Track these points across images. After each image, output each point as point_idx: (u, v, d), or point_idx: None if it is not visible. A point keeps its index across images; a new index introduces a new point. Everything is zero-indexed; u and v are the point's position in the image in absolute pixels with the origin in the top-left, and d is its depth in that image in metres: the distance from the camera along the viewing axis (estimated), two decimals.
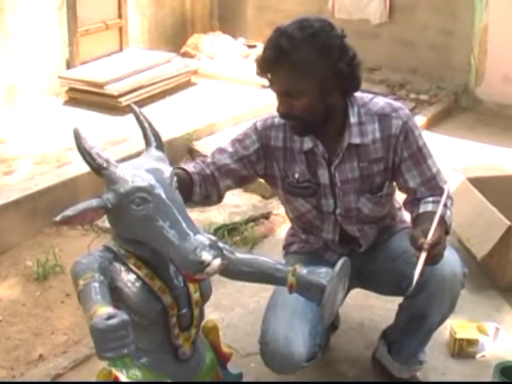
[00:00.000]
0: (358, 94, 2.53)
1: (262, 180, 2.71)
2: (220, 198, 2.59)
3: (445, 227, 2.40)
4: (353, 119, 2.48)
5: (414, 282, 2.21)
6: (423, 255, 2.22)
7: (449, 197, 2.50)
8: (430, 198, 2.51)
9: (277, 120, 2.55)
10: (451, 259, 2.47)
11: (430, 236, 2.24)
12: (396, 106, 2.55)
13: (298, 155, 2.54)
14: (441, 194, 2.47)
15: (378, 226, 2.70)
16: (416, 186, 2.53)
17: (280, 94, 2.42)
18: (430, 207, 2.48)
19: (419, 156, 2.53)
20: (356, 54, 2.45)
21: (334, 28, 2.44)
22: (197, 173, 2.48)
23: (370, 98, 2.56)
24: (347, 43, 2.43)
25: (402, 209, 2.74)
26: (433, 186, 2.54)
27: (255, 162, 2.57)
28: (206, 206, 2.60)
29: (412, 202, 2.58)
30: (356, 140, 2.49)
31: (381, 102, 2.55)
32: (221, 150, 2.57)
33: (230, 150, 2.56)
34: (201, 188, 2.48)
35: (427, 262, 2.24)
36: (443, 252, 2.31)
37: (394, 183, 2.63)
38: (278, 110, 2.45)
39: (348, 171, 2.53)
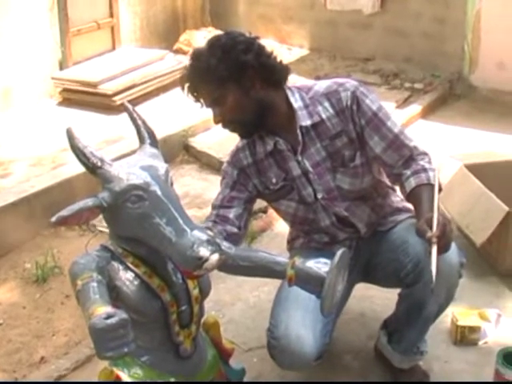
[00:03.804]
0: (301, 83, 2.64)
1: None
2: (240, 229, 2.58)
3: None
4: (296, 104, 2.53)
5: (434, 277, 2.20)
6: (434, 249, 2.23)
7: (424, 153, 2.56)
8: (408, 171, 2.53)
9: (240, 144, 2.64)
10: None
11: (434, 226, 2.25)
12: (341, 81, 2.60)
13: (267, 160, 2.59)
14: (410, 157, 2.54)
15: (367, 204, 2.68)
16: (382, 151, 2.55)
17: (209, 107, 2.51)
18: (413, 182, 2.49)
19: (376, 121, 2.54)
20: (264, 46, 2.52)
21: (241, 32, 2.53)
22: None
23: (314, 83, 2.63)
24: (256, 41, 2.50)
25: (398, 192, 2.74)
26: (398, 146, 2.55)
27: (244, 183, 2.61)
28: (238, 244, 2.62)
29: (390, 174, 2.61)
30: (306, 122, 2.53)
31: (326, 82, 2.61)
32: (214, 200, 2.64)
33: (220, 190, 2.64)
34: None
35: (439, 252, 2.25)
36: (452, 238, 2.32)
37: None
38: (214, 121, 2.53)
39: (315, 154, 2.56)
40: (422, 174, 2.50)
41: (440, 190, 2.43)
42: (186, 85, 2.50)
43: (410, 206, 2.66)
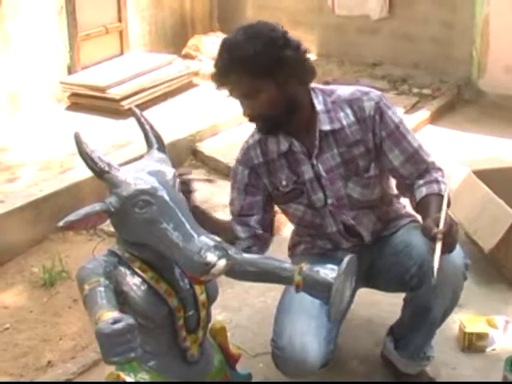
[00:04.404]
0: (324, 86, 2.59)
1: None
2: (265, 231, 2.61)
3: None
4: (319, 107, 2.51)
5: (435, 273, 2.20)
6: (439, 245, 2.23)
7: (439, 169, 2.56)
8: (421, 181, 2.53)
9: (251, 141, 2.61)
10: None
11: (441, 225, 2.25)
12: (365, 89, 2.59)
13: (279, 161, 2.57)
14: (426, 170, 2.53)
15: (374, 213, 2.68)
16: (400, 164, 2.55)
17: (240, 99, 2.46)
18: (424, 191, 2.49)
19: (397, 134, 2.54)
20: (301, 42, 2.49)
21: (274, 24, 2.46)
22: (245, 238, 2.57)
23: (337, 87, 2.60)
24: (290, 36, 2.46)
25: (402, 199, 2.75)
26: (416, 160, 2.56)
27: (255, 184, 2.60)
28: (267, 247, 2.66)
29: (402, 185, 2.61)
30: (326, 127, 2.51)
31: (349, 89, 2.59)
32: (230, 204, 2.64)
33: (234, 194, 2.62)
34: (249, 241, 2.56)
35: (443, 251, 2.25)
36: (457, 238, 2.32)
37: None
38: (244, 114, 2.49)
39: (330, 159, 2.54)
40: (434, 184, 2.50)
41: (449, 204, 2.42)
42: (217, 72, 2.44)
43: (411, 211, 2.68)
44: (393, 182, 2.71)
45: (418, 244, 2.45)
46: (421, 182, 2.53)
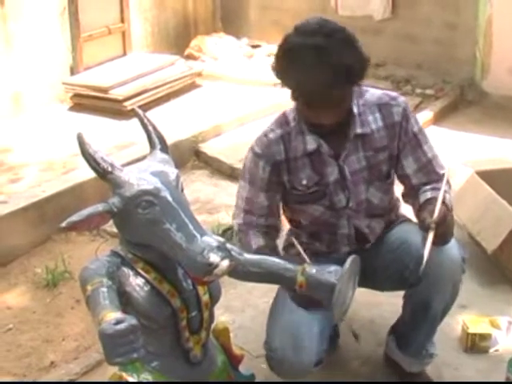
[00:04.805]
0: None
1: None
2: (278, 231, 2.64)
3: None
4: (355, 110, 2.47)
5: (424, 261, 2.20)
6: (431, 234, 2.24)
7: (447, 182, 2.53)
8: (428, 187, 2.53)
9: (271, 135, 2.50)
10: (449, 245, 2.45)
11: (435, 215, 2.26)
12: (392, 94, 2.59)
13: (301, 160, 2.50)
14: (437, 180, 2.52)
15: (384, 221, 2.68)
16: (412, 173, 2.55)
17: (326, 109, 2.32)
18: (429, 194, 2.49)
19: (415, 142, 2.55)
20: None
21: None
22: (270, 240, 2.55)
23: (365, 89, 2.56)
24: None
25: (401, 200, 2.75)
26: (429, 170, 2.56)
27: (276, 181, 2.52)
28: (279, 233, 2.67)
29: (410, 193, 2.60)
30: (359, 130, 2.48)
31: (376, 92, 2.57)
32: (249, 202, 2.54)
33: (252, 191, 2.53)
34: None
35: (436, 242, 2.25)
36: (452, 229, 2.34)
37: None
38: (319, 122, 2.37)
39: (355, 162, 2.52)
40: (439, 191, 2.46)
41: (451, 208, 2.43)
42: (315, 87, 2.24)
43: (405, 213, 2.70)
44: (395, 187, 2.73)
45: (416, 241, 2.45)
46: (427, 187, 2.53)
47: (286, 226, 2.79)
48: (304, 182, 2.52)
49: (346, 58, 2.25)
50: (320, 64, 2.21)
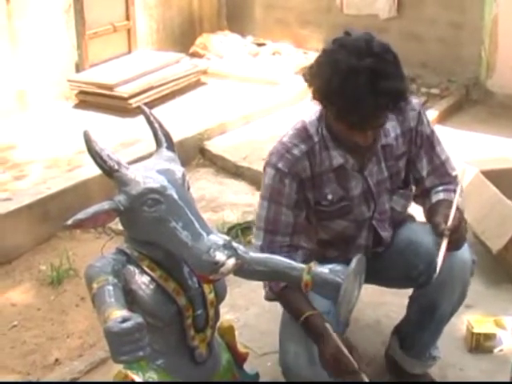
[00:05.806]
0: None
1: None
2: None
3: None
4: None
5: (438, 269, 2.20)
6: (445, 241, 2.24)
7: (458, 183, 2.53)
8: (440, 188, 2.52)
9: (296, 151, 2.39)
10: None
11: (450, 221, 2.26)
12: None
13: (326, 175, 2.43)
14: (449, 182, 2.51)
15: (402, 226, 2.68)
16: (426, 175, 2.55)
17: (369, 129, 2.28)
18: (441, 195, 2.49)
19: (428, 144, 2.54)
20: None
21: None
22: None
23: None
24: None
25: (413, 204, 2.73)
26: (442, 173, 2.55)
27: (303, 199, 2.43)
28: None
29: (422, 195, 2.59)
30: (383, 141, 2.44)
31: None
32: (271, 221, 2.42)
33: (279, 210, 2.41)
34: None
35: (449, 248, 2.25)
36: (465, 236, 2.33)
37: None
38: (365, 142, 2.31)
39: (378, 173, 2.47)
40: (452, 193, 2.48)
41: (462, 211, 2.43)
42: (366, 112, 2.17)
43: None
44: None
45: (426, 241, 2.45)
46: (440, 188, 2.52)
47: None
48: (329, 197, 2.45)
49: (399, 82, 2.19)
50: (374, 89, 2.14)
